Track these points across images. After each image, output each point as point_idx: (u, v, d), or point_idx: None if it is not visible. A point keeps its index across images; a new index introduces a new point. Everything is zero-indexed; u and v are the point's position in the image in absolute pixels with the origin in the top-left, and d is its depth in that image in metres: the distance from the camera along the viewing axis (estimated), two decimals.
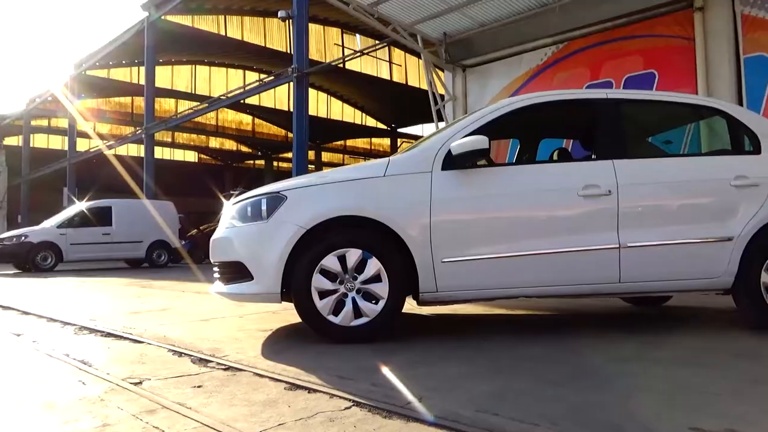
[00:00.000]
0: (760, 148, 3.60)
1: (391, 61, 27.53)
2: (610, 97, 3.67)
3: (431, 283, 3.18)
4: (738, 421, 1.80)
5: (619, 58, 7.86)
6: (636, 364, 2.63)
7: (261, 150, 34.48)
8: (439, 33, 9.44)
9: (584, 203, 3.31)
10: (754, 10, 6.74)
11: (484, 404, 2.00)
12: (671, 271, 3.38)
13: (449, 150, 3.26)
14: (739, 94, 6.81)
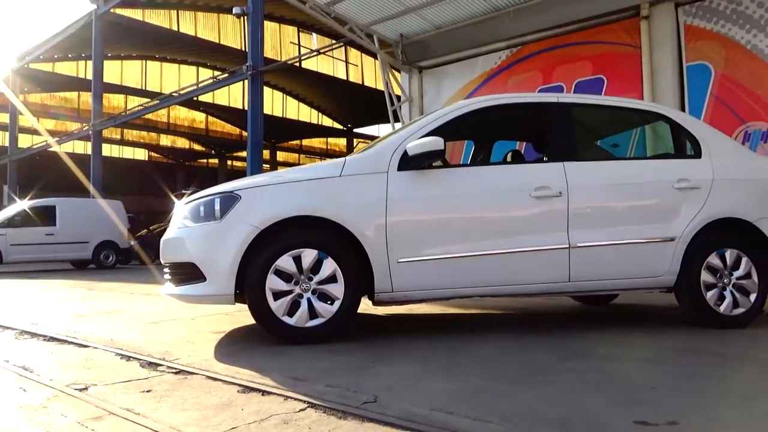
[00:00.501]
0: (700, 153, 3.77)
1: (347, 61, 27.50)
2: (561, 101, 3.76)
3: (387, 284, 3.19)
4: (678, 414, 1.88)
5: (570, 63, 8.08)
6: (584, 361, 2.70)
7: (214, 149, 33.83)
8: (395, 34, 9.49)
9: (536, 204, 3.38)
10: (696, 20, 7.05)
11: (438, 403, 2.02)
12: (618, 270, 3.49)
13: (405, 151, 3.28)
14: (682, 100, 7.11)
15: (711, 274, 3.54)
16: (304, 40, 25.62)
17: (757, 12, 6.61)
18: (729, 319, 3.52)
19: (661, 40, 7.24)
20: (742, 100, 6.66)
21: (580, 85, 7.90)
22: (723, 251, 3.56)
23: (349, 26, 8.94)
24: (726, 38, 6.80)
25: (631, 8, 7.44)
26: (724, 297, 3.54)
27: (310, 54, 20.73)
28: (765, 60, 6.54)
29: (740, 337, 3.24)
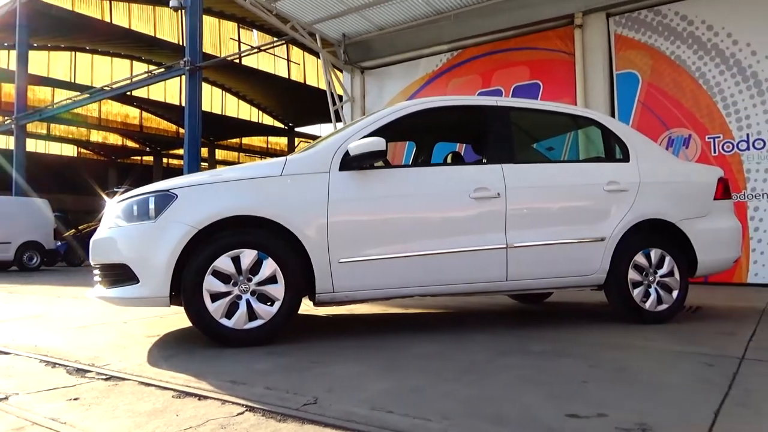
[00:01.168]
0: (629, 157, 3.96)
1: (289, 59, 27.18)
2: (499, 104, 3.86)
3: (328, 284, 3.17)
4: (607, 406, 1.96)
5: (508, 67, 8.30)
6: (520, 358, 2.78)
7: (149, 146, 32.64)
8: (338, 33, 9.46)
9: (475, 205, 3.46)
10: (625, 30, 7.40)
11: (378, 402, 2.02)
12: (552, 269, 3.61)
13: (347, 151, 3.28)
14: (612, 106, 7.45)
15: (637, 273, 3.72)
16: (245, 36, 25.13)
17: (680, 25, 7.01)
18: (654, 315, 3.72)
19: (593, 49, 7.55)
20: (666, 107, 7.05)
21: (517, 90, 8.13)
22: (648, 251, 3.76)
23: (291, 24, 8.84)
24: (652, 48, 7.17)
25: (566, 17, 7.72)
26: (649, 294, 3.74)
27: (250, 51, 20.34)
28: (687, 70, 6.94)
29: (663, 332, 3.42)
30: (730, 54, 6.69)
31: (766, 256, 6.37)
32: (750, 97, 6.56)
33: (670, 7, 7.09)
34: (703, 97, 6.83)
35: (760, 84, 6.51)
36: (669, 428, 1.76)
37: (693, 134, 6.86)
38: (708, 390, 2.18)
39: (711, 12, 6.84)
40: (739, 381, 2.31)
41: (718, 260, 4.01)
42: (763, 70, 6.50)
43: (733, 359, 2.70)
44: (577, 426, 1.78)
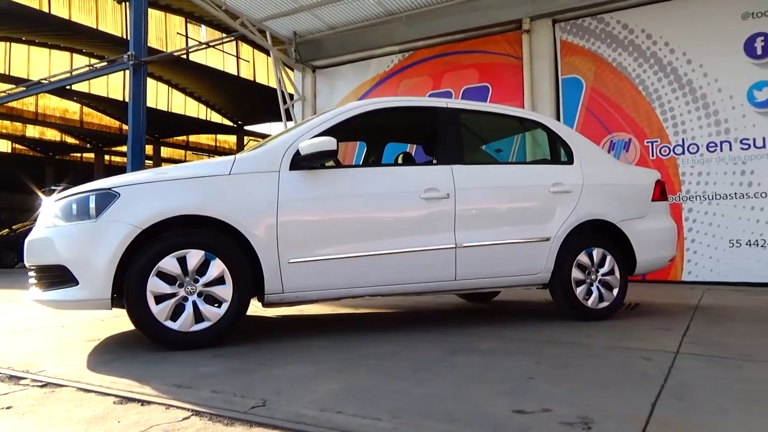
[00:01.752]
0: (573, 159, 4.09)
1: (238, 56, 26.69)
2: (449, 106, 3.91)
3: (277, 284, 3.13)
4: (552, 402, 2.02)
5: (458, 70, 8.42)
6: (468, 356, 2.83)
7: (90, 142, 31.38)
8: (289, 32, 9.36)
9: (425, 205, 3.49)
10: (570, 37, 7.63)
11: (328, 403, 2.01)
12: (500, 269, 3.69)
13: (297, 150, 3.25)
14: (558, 110, 7.67)
15: (580, 272, 3.85)
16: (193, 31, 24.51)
17: (622, 33, 7.29)
18: (596, 312, 3.85)
19: (540, 54, 7.76)
20: (608, 112, 7.31)
21: (467, 92, 8.26)
22: (591, 250, 3.90)
23: (240, 20, 8.69)
24: (596, 55, 7.43)
25: (514, 22, 7.89)
26: (591, 292, 3.87)
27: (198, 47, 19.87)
28: (628, 77, 7.23)
29: (604, 329, 3.55)
30: (667, 62, 7.01)
31: (699, 255, 6.70)
32: (686, 103, 6.89)
33: (613, 15, 7.37)
34: (643, 103, 7.13)
35: (694, 92, 6.84)
36: (609, 420, 1.82)
37: (633, 138, 7.15)
38: (646, 383, 2.27)
39: (650, 22, 7.14)
40: (674, 374, 2.42)
41: (655, 259, 4.19)
42: (698, 78, 6.84)
43: (668, 353, 2.82)
44: (524, 421, 1.82)
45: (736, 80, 6.63)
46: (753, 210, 6.45)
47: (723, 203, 6.61)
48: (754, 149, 6.48)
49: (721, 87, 6.71)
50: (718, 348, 2.97)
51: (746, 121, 6.54)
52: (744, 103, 6.57)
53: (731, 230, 6.55)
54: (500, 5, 7.91)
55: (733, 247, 6.53)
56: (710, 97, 6.76)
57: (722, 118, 6.68)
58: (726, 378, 2.36)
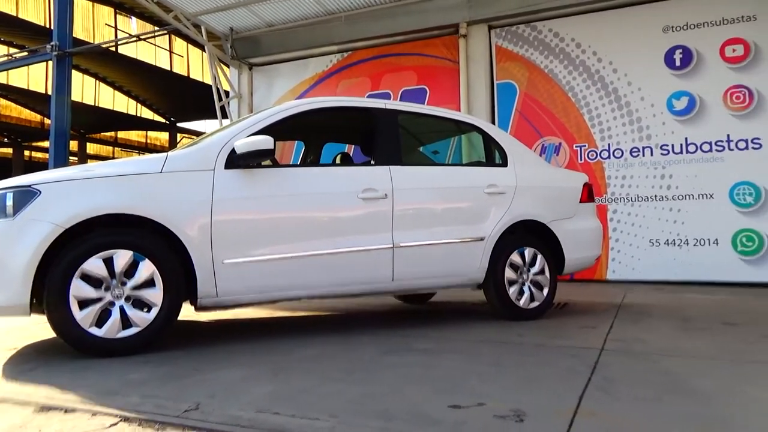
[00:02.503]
0: (507, 162, 4.21)
1: (171, 50, 25.82)
2: (388, 107, 3.93)
3: (211, 287, 3.05)
4: (485, 397, 2.07)
5: (396, 71, 8.49)
6: (404, 355, 2.86)
7: (8, 137, 29.48)
8: (225, 27, 9.14)
9: (363, 206, 3.50)
10: (505, 43, 7.86)
11: (264, 405, 1.98)
12: (436, 269, 3.75)
13: (233, 148, 3.18)
14: (493, 114, 7.88)
15: (513, 271, 3.97)
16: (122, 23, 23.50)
17: (553, 41, 7.57)
18: (527, 311, 3.98)
19: (476, 58, 7.94)
20: (540, 117, 7.58)
21: (405, 94, 8.34)
22: (523, 250, 4.02)
23: (174, 14, 8.40)
24: (529, 61, 7.68)
25: (452, 26, 8.04)
26: (523, 292, 3.99)
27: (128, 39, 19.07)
28: (558, 83, 7.51)
29: (535, 328, 3.68)
30: (595, 71, 7.34)
31: (622, 254, 7.05)
32: (611, 110, 7.23)
33: (545, 24, 7.64)
34: (572, 109, 7.43)
35: (620, 99, 7.20)
36: (540, 413, 1.89)
37: (563, 143, 7.45)
38: (573, 378, 2.37)
39: (580, 31, 7.46)
40: (599, 369, 2.54)
41: (583, 258, 4.38)
42: (623, 86, 7.20)
43: (594, 350, 2.96)
44: (459, 416, 1.86)
45: (657, 89, 7.03)
46: (671, 211, 6.86)
47: (644, 205, 6.99)
48: (673, 155, 6.89)
49: (643, 95, 7.10)
50: (639, 344, 3.14)
51: (666, 128, 6.95)
52: (664, 111, 6.97)
53: (651, 231, 6.94)
54: (438, 9, 8.04)
55: (653, 247, 6.92)
56: (634, 105, 7.14)
57: (644, 125, 7.06)
58: (645, 371, 2.50)
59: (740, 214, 6.55)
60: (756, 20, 6.63)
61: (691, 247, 6.74)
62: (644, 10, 7.16)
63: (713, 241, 6.64)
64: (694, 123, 6.82)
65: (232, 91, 9.61)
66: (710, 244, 6.66)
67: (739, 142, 6.61)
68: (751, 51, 6.63)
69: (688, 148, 6.83)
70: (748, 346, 3.09)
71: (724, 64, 6.74)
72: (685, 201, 6.80)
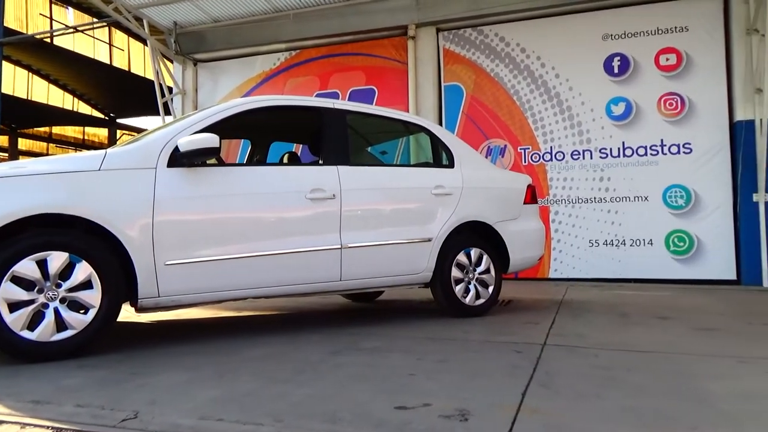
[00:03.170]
0: (454, 163, 4.27)
1: (111, 43, 24.87)
2: (336, 107, 3.92)
3: (153, 288, 2.95)
4: (431, 396, 2.10)
5: (345, 71, 8.47)
6: (352, 355, 2.85)
7: None
8: (168, 21, 8.87)
9: (311, 206, 3.47)
10: (452, 46, 7.97)
11: (208, 411, 1.94)
12: (384, 269, 3.77)
13: (177, 146, 3.09)
14: (440, 116, 7.98)
15: (459, 270, 4.03)
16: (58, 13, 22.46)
17: (499, 45, 7.74)
18: (473, 309, 4.06)
19: (424, 60, 8.02)
20: (486, 119, 7.74)
21: (354, 94, 8.33)
22: (469, 250, 4.10)
23: (114, 5, 8.09)
24: (475, 65, 7.83)
25: (400, 27, 8.09)
26: (469, 290, 4.07)
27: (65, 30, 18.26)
28: (503, 87, 7.69)
29: (480, 325, 3.75)
30: (538, 75, 7.55)
31: (564, 254, 7.29)
32: (554, 114, 7.46)
33: (491, 28, 7.80)
34: (517, 112, 7.62)
35: (561, 104, 7.43)
36: (484, 411, 1.93)
37: (508, 145, 7.62)
38: (517, 374, 2.43)
39: (525, 36, 7.65)
40: (542, 364, 2.61)
41: (527, 258, 4.49)
42: (565, 91, 7.44)
43: (537, 345, 3.04)
44: (405, 417, 1.87)
45: (596, 95, 7.30)
46: (609, 213, 7.14)
47: (584, 206, 7.25)
48: (611, 158, 7.17)
49: (584, 100, 7.35)
50: (579, 339, 3.25)
51: (605, 133, 7.23)
52: (603, 116, 7.25)
53: (591, 231, 7.20)
54: (387, 11, 8.07)
55: (593, 247, 7.18)
56: (575, 109, 7.38)
57: (585, 129, 7.32)
58: (585, 366, 2.59)
59: (672, 215, 6.89)
60: (688, 31, 6.99)
61: (627, 247, 7.04)
62: (585, 19, 7.43)
63: (648, 242, 6.96)
64: (631, 128, 7.12)
65: (176, 88, 9.34)
66: (645, 245, 6.97)
67: (671, 146, 6.95)
68: (683, 60, 6.98)
69: (625, 152, 7.13)
70: (680, 339, 3.25)
71: (658, 72, 7.07)
72: (622, 203, 7.09)
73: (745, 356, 2.80)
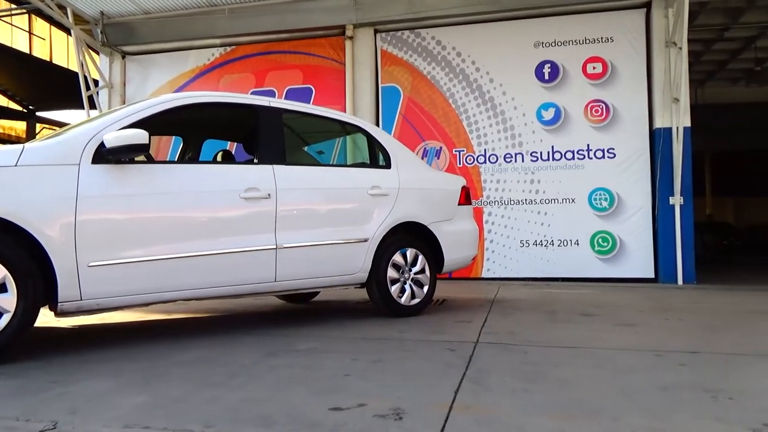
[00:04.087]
0: (390, 164, 4.30)
1: (31, 32, 23.44)
2: (272, 105, 3.86)
3: (74, 291, 2.80)
4: (366, 397, 2.10)
5: (282, 69, 8.36)
6: (286, 357, 2.82)
7: None
8: (95, 11, 8.46)
9: (245, 205, 3.40)
10: (390, 47, 8.03)
11: (133, 418, 1.86)
12: (320, 269, 3.74)
13: (102, 142, 2.94)
14: (377, 117, 8.02)
15: (395, 271, 4.07)
16: None
17: (435, 48, 7.86)
18: (408, 308, 4.10)
19: (362, 61, 8.04)
20: (422, 121, 7.84)
21: (290, 92, 8.24)
22: (405, 250, 4.14)
23: None
24: (412, 67, 7.92)
25: (338, 27, 8.07)
26: (404, 290, 4.11)
27: None
28: (440, 89, 7.82)
29: (415, 324, 3.80)
30: (473, 79, 7.73)
31: (496, 254, 7.50)
32: (488, 117, 7.66)
33: (428, 31, 7.92)
34: (452, 115, 7.77)
35: (495, 107, 7.64)
36: (418, 410, 1.95)
37: (443, 147, 7.76)
38: (450, 372, 2.47)
39: (461, 41, 7.81)
40: (474, 362, 2.67)
41: (460, 258, 4.59)
42: (498, 96, 7.65)
43: (469, 344, 3.11)
44: (340, 418, 1.87)
45: (528, 100, 7.55)
46: (539, 214, 7.40)
47: (516, 208, 7.48)
48: (541, 161, 7.44)
49: (516, 105, 7.59)
50: (510, 336, 3.35)
51: (535, 137, 7.49)
52: (534, 120, 7.51)
53: (522, 232, 7.44)
54: (324, 10, 8.03)
55: (523, 247, 7.43)
56: (507, 113, 7.61)
57: (517, 133, 7.55)
58: (515, 362, 2.67)
59: (597, 217, 7.23)
60: (613, 42, 7.35)
61: (556, 248, 7.33)
62: (518, 26, 7.67)
63: (575, 242, 7.27)
64: (560, 132, 7.42)
65: (102, 81, 8.93)
66: (572, 245, 7.28)
67: (597, 151, 7.29)
68: (609, 69, 7.34)
69: (554, 155, 7.41)
70: (603, 334, 3.42)
71: (585, 79, 7.40)
72: (551, 205, 7.38)
73: (661, 350, 2.98)
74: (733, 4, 9.72)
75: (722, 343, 3.22)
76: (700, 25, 9.98)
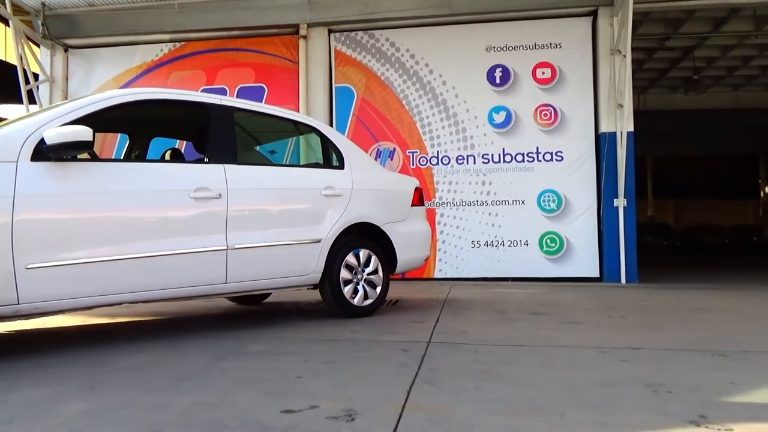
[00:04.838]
0: (344, 164, 4.30)
1: None
2: (224, 103, 3.79)
3: (11, 294, 2.67)
4: (319, 398, 2.09)
5: (233, 67, 8.22)
6: (237, 359, 2.77)
7: None
8: (36, 1, 8.09)
9: (195, 205, 3.33)
10: (344, 48, 8.02)
11: (75, 426, 1.79)
12: (272, 270, 3.70)
13: (42, 138, 2.82)
14: (331, 117, 7.99)
15: (348, 271, 4.06)
16: None
17: (389, 50, 7.90)
18: (361, 309, 4.10)
19: (316, 61, 7.99)
20: (376, 122, 7.86)
21: (242, 91, 8.11)
22: (358, 251, 4.14)
23: None
24: (366, 68, 7.93)
25: (292, 26, 7.99)
26: (357, 291, 4.11)
27: None
28: (393, 90, 7.86)
29: (368, 324, 3.80)
30: (426, 81, 7.81)
31: (448, 254, 7.59)
32: (441, 120, 7.75)
33: (383, 32, 7.94)
34: (406, 117, 7.82)
35: (448, 110, 7.74)
36: (371, 410, 1.96)
37: (397, 148, 7.81)
38: (403, 372, 2.49)
39: (414, 43, 7.88)
40: (427, 361, 2.70)
41: (413, 258, 4.62)
42: (451, 98, 7.75)
43: (422, 344, 3.14)
44: (291, 420, 1.85)
45: (480, 103, 7.69)
46: (490, 215, 7.54)
47: (468, 209, 7.60)
48: (492, 163, 7.59)
49: (468, 108, 7.71)
50: (461, 336, 3.40)
51: (487, 139, 7.63)
52: (485, 123, 7.65)
53: (473, 233, 7.57)
54: (277, 8, 7.94)
55: (475, 248, 7.55)
56: (460, 116, 7.72)
57: (468, 135, 7.68)
58: (467, 361, 2.72)
59: (545, 218, 7.43)
60: (561, 48, 7.57)
61: (506, 248, 7.48)
62: (470, 30, 7.79)
63: (524, 243, 7.44)
64: (510, 135, 7.58)
65: (43, 75, 8.55)
66: (522, 245, 7.45)
67: (545, 154, 7.49)
68: (557, 74, 7.55)
69: (504, 158, 7.57)
70: (551, 332, 3.51)
71: (535, 84, 7.58)
72: (502, 206, 7.53)
73: (605, 347, 3.08)
74: (674, 15, 10.17)
75: (663, 339, 3.36)
76: (643, 34, 10.39)
